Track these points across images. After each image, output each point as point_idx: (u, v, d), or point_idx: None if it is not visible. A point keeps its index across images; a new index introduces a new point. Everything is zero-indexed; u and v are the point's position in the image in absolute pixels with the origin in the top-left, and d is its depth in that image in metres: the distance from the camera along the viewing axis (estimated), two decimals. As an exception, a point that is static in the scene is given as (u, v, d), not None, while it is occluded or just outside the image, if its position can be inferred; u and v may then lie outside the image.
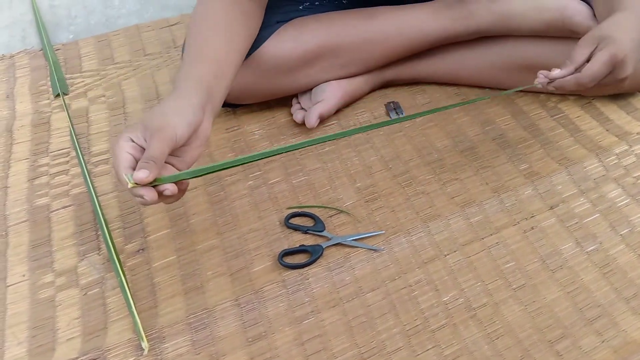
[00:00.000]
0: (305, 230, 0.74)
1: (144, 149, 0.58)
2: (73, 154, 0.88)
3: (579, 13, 0.83)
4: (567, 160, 0.85)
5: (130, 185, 0.55)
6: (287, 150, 0.66)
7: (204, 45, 0.72)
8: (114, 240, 0.74)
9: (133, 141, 0.59)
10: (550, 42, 0.89)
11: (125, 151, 0.57)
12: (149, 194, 0.56)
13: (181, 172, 0.61)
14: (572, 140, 0.88)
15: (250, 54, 0.83)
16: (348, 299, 0.68)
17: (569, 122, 0.91)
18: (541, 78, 0.73)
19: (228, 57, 0.73)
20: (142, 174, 0.54)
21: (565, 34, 0.86)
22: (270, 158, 0.86)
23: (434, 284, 0.70)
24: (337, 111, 0.94)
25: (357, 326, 0.66)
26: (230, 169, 0.84)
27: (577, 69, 0.71)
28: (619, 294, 0.68)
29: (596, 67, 0.69)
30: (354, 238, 0.74)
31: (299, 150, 0.88)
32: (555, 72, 0.72)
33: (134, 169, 0.56)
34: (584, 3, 0.84)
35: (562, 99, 0.95)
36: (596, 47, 0.71)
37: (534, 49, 0.90)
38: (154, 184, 0.56)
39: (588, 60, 0.71)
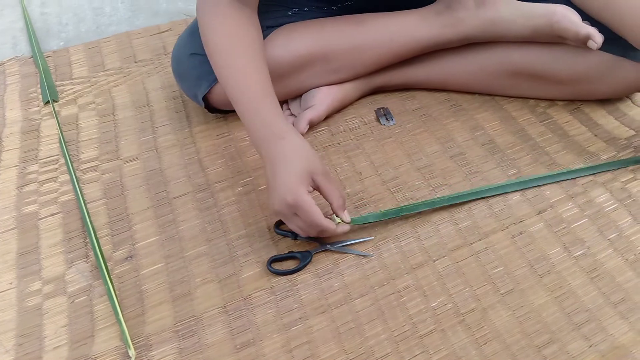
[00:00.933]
0: (294, 237, 0.74)
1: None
2: (62, 161, 0.88)
3: (566, 18, 0.84)
4: (556, 165, 0.85)
5: (338, 224, 0.71)
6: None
7: (255, 80, 0.75)
8: (102, 248, 0.74)
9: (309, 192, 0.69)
10: (539, 48, 0.89)
11: (314, 204, 0.68)
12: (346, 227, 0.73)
13: (368, 214, 0.77)
14: (561, 146, 0.88)
15: None
16: (336, 305, 0.68)
17: (557, 128, 0.91)
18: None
19: (267, 74, 0.77)
20: (348, 218, 0.72)
21: (553, 39, 0.86)
22: (259, 164, 0.86)
23: (422, 290, 0.70)
24: (327, 117, 0.94)
25: (345, 332, 0.65)
26: (220, 178, 0.85)
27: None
28: (606, 299, 0.68)
29: None
30: (343, 244, 0.74)
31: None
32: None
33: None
34: (571, 9, 0.85)
35: (550, 105, 0.96)
36: None
37: (522, 55, 0.91)
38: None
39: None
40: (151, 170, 0.86)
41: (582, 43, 0.82)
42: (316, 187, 0.70)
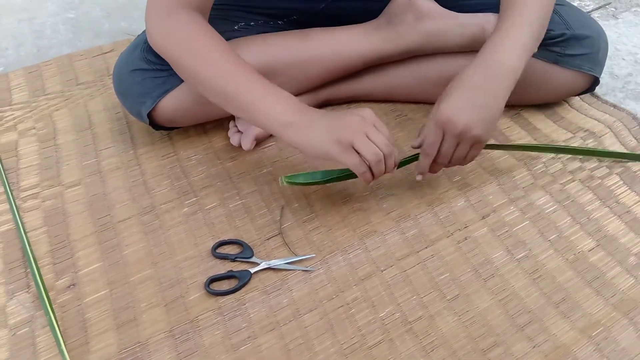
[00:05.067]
0: (233, 258, 0.74)
1: None
2: (1, 190, 0.86)
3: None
4: (498, 170, 0.87)
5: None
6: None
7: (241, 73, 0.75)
8: (44, 277, 0.72)
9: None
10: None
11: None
12: None
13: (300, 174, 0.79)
14: (502, 151, 0.90)
15: None
16: (285, 322, 0.68)
17: (498, 134, 0.94)
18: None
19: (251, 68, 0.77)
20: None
21: None
22: (206, 183, 0.85)
23: (370, 301, 0.70)
24: (274, 133, 0.94)
25: (294, 349, 0.65)
26: (166, 199, 0.83)
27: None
28: (548, 299, 0.70)
29: (427, 134, 0.74)
30: (285, 262, 0.74)
31: (235, 173, 0.87)
32: (418, 177, 0.79)
33: None
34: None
35: (492, 111, 0.98)
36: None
37: (462, 63, 0.93)
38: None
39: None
40: (94, 194, 0.84)
41: None
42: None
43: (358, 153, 0.70)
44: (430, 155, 0.75)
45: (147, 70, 0.84)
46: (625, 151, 0.90)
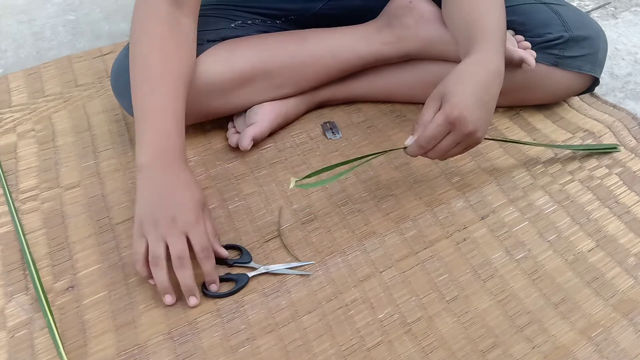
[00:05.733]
0: (231, 264, 0.74)
1: None
2: (0, 191, 0.86)
3: None
4: (497, 170, 0.87)
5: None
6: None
7: (155, 99, 0.74)
8: (42, 279, 0.72)
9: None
10: None
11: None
12: None
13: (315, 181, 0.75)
14: (502, 151, 0.90)
15: None
16: (284, 324, 0.68)
17: (498, 134, 0.94)
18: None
19: (178, 98, 0.75)
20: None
21: None
22: (205, 184, 0.85)
23: (369, 302, 0.70)
24: (274, 133, 0.94)
25: (293, 350, 0.65)
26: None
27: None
28: (547, 300, 0.69)
29: (431, 127, 0.67)
30: (283, 267, 0.74)
31: (235, 174, 0.87)
32: (408, 140, 0.70)
33: None
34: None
35: (491, 111, 0.98)
36: (441, 104, 0.68)
37: None
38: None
39: None
40: (93, 196, 0.84)
41: (517, 66, 0.84)
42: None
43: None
44: (425, 149, 0.69)
45: None
46: (624, 151, 0.89)
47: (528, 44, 0.85)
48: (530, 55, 0.82)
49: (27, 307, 0.70)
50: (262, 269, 0.73)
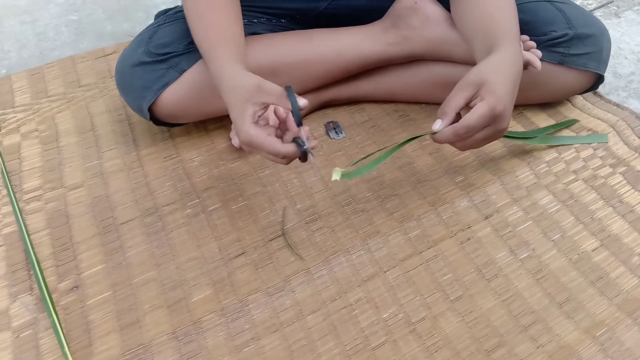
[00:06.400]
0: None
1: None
2: (4, 192, 0.86)
3: None
4: (501, 170, 0.87)
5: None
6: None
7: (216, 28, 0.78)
8: (47, 279, 0.73)
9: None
10: None
11: (264, 134, 0.66)
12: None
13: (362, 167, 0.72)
14: (505, 151, 0.90)
15: (186, 70, 0.84)
16: (288, 323, 0.68)
17: (501, 133, 0.93)
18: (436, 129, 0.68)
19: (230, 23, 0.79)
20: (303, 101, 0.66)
21: None
22: (208, 184, 0.85)
23: (373, 302, 0.70)
24: (277, 133, 0.94)
25: (298, 350, 0.65)
26: (168, 201, 0.84)
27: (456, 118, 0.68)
28: (552, 299, 0.69)
29: (474, 119, 0.64)
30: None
31: (238, 174, 0.87)
32: (437, 125, 0.67)
33: None
34: None
35: (495, 111, 0.98)
36: (476, 93, 0.66)
37: (465, 69, 0.92)
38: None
39: (468, 105, 0.67)
40: (97, 196, 0.84)
41: (523, 68, 0.84)
42: (266, 106, 0.68)
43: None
44: (462, 138, 0.66)
45: (147, 64, 0.84)
46: (628, 150, 0.89)
47: (533, 44, 0.85)
48: (536, 58, 0.82)
49: (32, 307, 0.70)
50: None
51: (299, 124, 0.66)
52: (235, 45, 0.77)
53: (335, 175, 0.66)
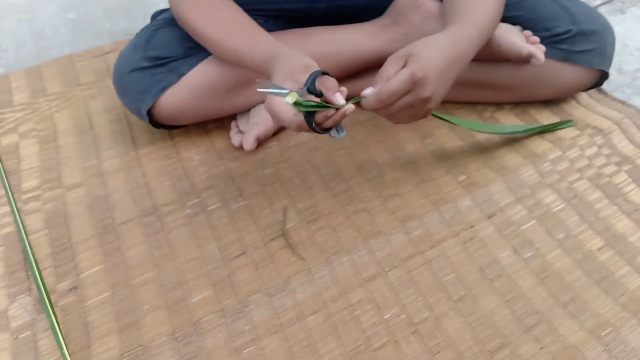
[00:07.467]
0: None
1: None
2: (2, 192, 0.85)
3: (507, 41, 0.83)
4: (504, 168, 0.86)
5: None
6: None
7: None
8: (45, 280, 0.72)
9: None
10: (481, 62, 0.90)
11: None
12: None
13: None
14: (508, 149, 0.89)
15: (185, 74, 0.83)
16: (289, 324, 0.67)
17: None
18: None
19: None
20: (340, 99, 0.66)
21: (499, 58, 0.86)
22: (208, 184, 0.85)
23: (375, 302, 0.69)
24: (277, 132, 0.93)
25: (299, 351, 0.64)
26: (167, 201, 0.83)
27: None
28: (556, 299, 0.68)
29: (394, 83, 0.65)
30: None
31: (238, 174, 0.87)
32: (367, 90, 0.68)
33: None
34: (513, 28, 0.86)
35: (498, 108, 0.97)
36: (404, 64, 0.67)
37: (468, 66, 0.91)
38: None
39: None
40: (95, 196, 0.83)
41: (525, 61, 0.83)
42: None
43: None
44: (384, 103, 0.66)
45: (146, 68, 0.83)
46: (633, 148, 0.88)
47: (537, 39, 0.84)
48: (539, 50, 0.81)
49: (31, 308, 0.70)
50: None
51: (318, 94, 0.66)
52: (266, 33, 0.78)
53: (289, 99, 0.64)
